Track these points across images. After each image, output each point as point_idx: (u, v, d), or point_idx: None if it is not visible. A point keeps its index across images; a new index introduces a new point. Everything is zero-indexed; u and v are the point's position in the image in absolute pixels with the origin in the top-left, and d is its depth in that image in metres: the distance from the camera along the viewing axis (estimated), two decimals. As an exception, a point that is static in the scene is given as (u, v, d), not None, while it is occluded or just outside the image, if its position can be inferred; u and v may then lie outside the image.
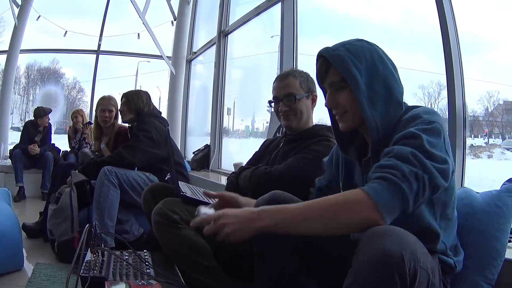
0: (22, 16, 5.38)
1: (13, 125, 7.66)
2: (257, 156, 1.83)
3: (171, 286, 1.13)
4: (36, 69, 9.32)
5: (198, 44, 5.29)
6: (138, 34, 5.88)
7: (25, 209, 4.01)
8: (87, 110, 6.02)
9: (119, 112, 2.87)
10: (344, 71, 1.00)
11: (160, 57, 5.25)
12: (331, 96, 1.06)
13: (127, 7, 5.49)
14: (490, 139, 2.90)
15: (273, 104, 1.65)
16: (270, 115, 3.00)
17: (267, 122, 3.67)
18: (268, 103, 1.69)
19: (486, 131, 2.91)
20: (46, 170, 4.42)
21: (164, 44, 5.12)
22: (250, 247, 1.11)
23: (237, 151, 4.41)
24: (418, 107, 1.02)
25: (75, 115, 4.75)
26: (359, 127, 1.07)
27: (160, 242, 1.53)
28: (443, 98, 1.94)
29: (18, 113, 9.25)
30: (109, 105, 2.97)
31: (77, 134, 4.70)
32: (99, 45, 6.06)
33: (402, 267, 0.77)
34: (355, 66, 1.00)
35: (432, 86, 3.43)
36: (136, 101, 2.68)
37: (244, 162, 1.94)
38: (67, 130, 5.17)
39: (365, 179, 1.05)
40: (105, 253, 1.35)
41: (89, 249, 1.32)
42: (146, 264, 1.30)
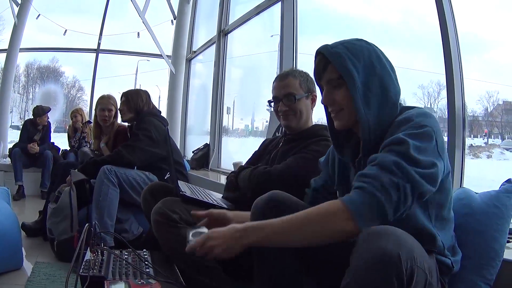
0: (22, 15, 5.38)
1: (13, 124, 7.65)
2: (256, 155, 1.83)
3: (170, 285, 1.13)
4: (36, 68, 9.30)
5: (198, 43, 5.29)
6: (138, 33, 5.88)
7: (24, 208, 4.01)
8: (86, 109, 6.01)
9: (118, 111, 2.87)
10: (341, 68, 1.01)
11: (160, 56, 5.24)
12: (328, 93, 1.07)
13: (127, 6, 5.48)
14: (489, 139, 2.90)
15: (272, 104, 1.65)
16: (270, 115, 3.00)
17: (266, 121, 3.67)
18: (267, 102, 1.69)
19: (486, 131, 2.91)
20: (45, 169, 4.42)
21: (164, 43, 5.13)
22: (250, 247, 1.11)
23: (237, 150, 4.41)
24: (413, 108, 1.02)
25: (75, 114, 4.75)
26: (354, 126, 1.07)
27: (160, 241, 1.53)
28: (443, 98, 1.95)
29: (17, 112, 9.23)
30: (108, 104, 2.97)
31: (76, 133, 4.70)
32: (99, 44, 6.05)
33: (399, 267, 0.77)
34: (353, 64, 1.00)
35: (432, 86, 3.43)
36: (135, 100, 2.68)
37: (244, 161, 1.94)
38: (66, 129, 5.17)
39: None
40: (105, 252, 1.35)
41: (88, 248, 1.32)
42: (146, 263, 1.30)
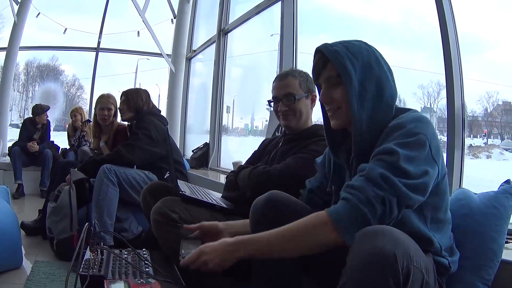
0: (22, 13, 5.37)
1: (12, 122, 7.64)
2: (256, 155, 1.84)
3: (170, 285, 1.13)
4: (36, 66, 9.29)
5: (198, 42, 5.29)
6: (138, 32, 5.87)
7: (24, 206, 4.01)
8: (86, 108, 6.00)
9: (118, 111, 2.87)
10: (339, 66, 1.01)
11: (159, 55, 5.24)
12: (326, 91, 1.07)
13: (127, 5, 5.47)
14: (489, 140, 2.90)
15: (272, 104, 1.65)
16: (270, 114, 2.99)
17: (266, 121, 3.67)
18: (267, 102, 1.69)
19: (485, 131, 2.92)
20: (45, 167, 4.41)
21: (164, 42, 5.12)
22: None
23: (236, 149, 4.41)
24: (408, 110, 1.03)
25: (74, 113, 4.74)
26: (349, 126, 1.07)
27: (159, 241, 1.53)
28: (443, 98, 1.95)
29: (17, 110, 9.22)
30: (108, 104, 2.97)
31: (76, 132, 4.70)
32: (99, 42, 6.04)
33: (395, 266, 0.78)
34: (351, 62, 1.01)
35: (432, 86, 3.43)
36: (135, 99, 2.67)
37: (243, 161, 1.94)
38: (66, 127, 5.16)
39: None
40: (104, 251, 1.35)
41: (88, 248, 1.32)
42: (145, 262, 1.30)
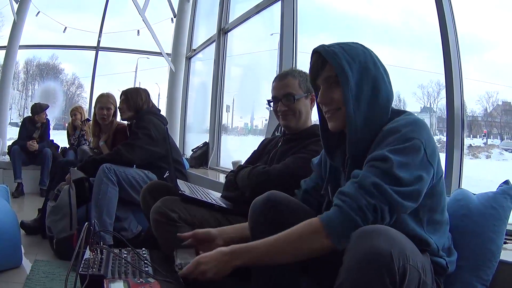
0: (21, 12, 5.36)
1: (12, 121, 7.63)
2: (255, 155, 1.84)
3: (169, 284, 1.13)
4: (35, 65, 9.28)
5: (198, 41, 5.29)
6: (138, 30, 5.87)
7: (23, 205, 4.01)
8: (86, 106, 6.00)
9: (118, 110, 2.87)
10: (337, 66, 1.01)
11: (159, 54, 5.24)
12: (326, 91, 1.06)
13: (127, 3, 5.46)
14: (488, 140, 2.90)
15: (272, 104, 1.65)
16: (269, 113, 2.99)
17: (266, 120, 3.67)
18: (267, 102, 1.69)
19: (485, 131, 2.92)
20: (44, 166, 4.41)
21: (164, 41, 5.12)
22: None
23: (236, 149, 4.42)
24: (403, 112, 1.03)
25: (74, 112, 4.74)
26: (346, 127, 1.06)
27: (159, 240, 1.54)
28: (442, 98, 1.95)
29: (16, 109, 9.22)
30: (107, 103, 2.97)
31: (76, 131, 4.69)
32: (99, 41, 6.03)
33: (391, 265, 0.78)
34: (348, 63, 1.01)
35: (432, 86, 3.43)
36: (135, 98, 2.67)
37: (243, 160, 1.94)
38: (65, 126, 5.16)
39: None
40: (104, 251, 1.35)
41: (88, 247, 1.32)
42: (145, 262, 1.30)
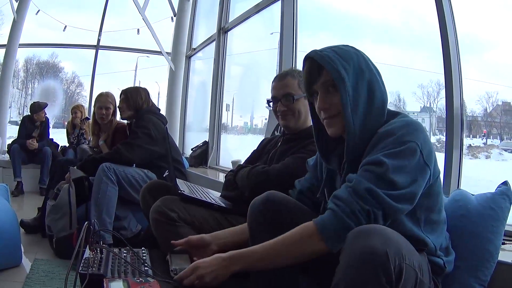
0: (21, 10, 5.35)
1: (11, 119, 7.63)
2: (255, 154, 1.84)
3: (169, 284, 1.13)
4: (35, 63, 9.26)
5: (198, 41, 5.28)
6: (138, 29, 5.86)
7: (23, 204, 4.02)
8: (86, 105, 6.00)
9: (117, 109, 2.87)
10: (333, 71, 1.00)
11: (159, 53, 5.24)
12: (325, 96, 1.04)
13: (127, 2, 5.46)
14: (488, 140, 2.90)
15: (271, 104, 1.65)
16: (269, 113, 3.00)
17: (265, 119, 3.67)
18: (266, 102, 1.69)
19: (485, 131, 2.91)
20: (44, 165, 4.41)
21: (164, 40, 5.12)
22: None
23: (236, 148, 4.41)
24: (398, 114, 1.03)
25: (75, 110, 4.74)
26: (344, 132, 1.04)
27: (158, 240, 1.54)
28: (442, 98, 1.95)
29: (16, 107, 9.20)
30: (106, 103, 2.97)
31: (75, 129, 4.69)
32: (99, 40, 6.03)
33: (386, 265, 0.79)
34: (344, 67, 1.00)
35: (432, 86, 3.43)
36: (135, 98, 2.68)
37: (242, 160, 1.95)
38: (65, 125, 5.16)
39: None
40: (104, 250, 1.36)
41: (87, 246, 1.32)
42: (143, 263, 1.30)
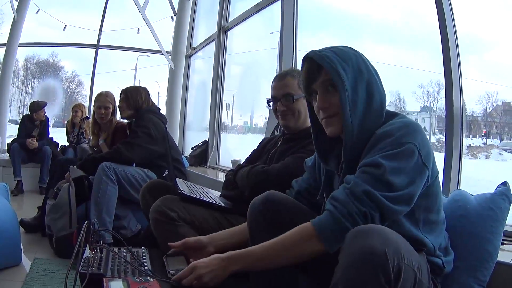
0: (21, 9, 5.35)
1: (11, 118, 7.63)
2: (255, 154, 1.84)
3: (168, 283, 1.14)
4: (35, 62, 9.25)
5: (198, 40, 5.28)
6: (138, 29, 5.85)
7: (23, 203, 4.02)
8: (86, 104, 6.00)
9: (117, 108, 2.87)
10: (332, 71, 1.00)
11: (159, 52, 5.24)
12: (324, 96, 1.04)
13: (127, 2, 5.46)
14: (488, 140, 2.90)
15: (271, 104, 1.66)
16: (269, 112, 3.00)
17: (265, 118, 3.67)
18: (266, 102, 1.69)
19: (484, 131, 2.91)
20: (44, 164, 4.41)
21: (164, 39, 5.12)
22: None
23: (235, 147, 4.42)
24: (396, 115, 1.03)
25: (76, 109, 4.73)
26: (342, 132, 1.05)
27: (158, 239, 1.54)
28: (442, 98, 1.95)
29: (16, 106, 9.20)
30: (105, 102, 2.97)
31: (74, 128, 4.69)
32: (99, 39, 6.02)
33: (385, 264, 0.79)
34: (342, 67, 1.00)
35: (432, 85, 3.42)
36: (135, 97, 2.67)
37: (242, 159, 1.95)
38: (65, 124, 5.16)
39: None
40: (103, 249, 1.36)
41: (87, 246, 1.32)
42: (142, 264, 1.30)
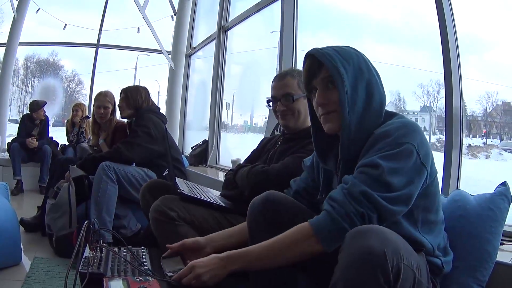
0: (21, 9, 5.34)
1: (11, 117, 7.63)
2: (255, 154, 1.85)
3: (168, 283, 1.14)
4: (35, 61, 9.25)
5: (198, 39, 5.28)
6: (138, 28, 5.84)
7: (23, 202, 4.02)
8: (86, 103, 5.99)
9: (117, 108, 2.87)
10: (332, 69, 1.01)
11: (159, 51, 5.23)
12: (323, 92, 1.05)
13: (127, 1, 5.46)
14: (488, 140, 2.89)
15: (271, 103, 1.66)
16: (269, 112, 3.00)
17: (265, 118, 3.67)
18: (266, 102, 1.69)
19: (484, 131, 2.91)
20: (44, 163, 4.41)
21: (164, 38, 5.11)
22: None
23: (235, 146, 4.42)
24: (395, 115, 1.03)
25: (76, 108, 4.72)
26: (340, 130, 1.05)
27: (158, 239, 1.54)
28: (442, 97, 1.94)
29: (16, 105, 9.20)
30: (104, 102, 2.97)
31: (74, 127, 4.69)
32: (99, 38, 6.02)
33: (384, 265, 0.79)
34: (343, 65, 1.01)
35: (432, 85, 3.42)
36: (135, 97, 2.68)
37: (242, 159, 1.95)
38: (64, 123, 5.16)
39: None
40: (103, 249, 1.36)
41: (87, 245, 1.33)
42: (143, 264, 1.31)
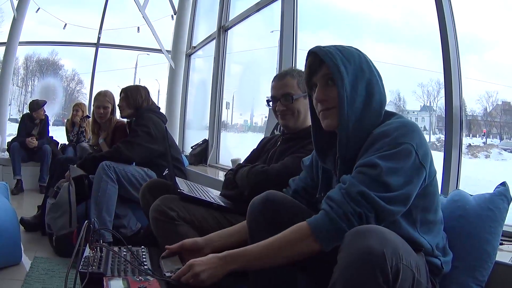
0: (21, 8, 5.34)
1: (11, 117, 7.62)
2: (254, 153, 1.85)
3: (168, 283, 1.14)
4: (35, 61, 9.24)
5: (198, 39, 5.28)
6: (138, 27, 5.84)
7: (23, 201, 4.02)
8: (86, 102, 5.99)
9: (117, 107, 2.87)
10: (332, 66, 1.02)
11: (159, 51, 5.23)
12: (323, 89, 1.07)
13: (127, 0, 5.46)
14: (488, 139, 2.89)
15: (271, 103, 1.66)
16: (269, 111, 3.00)
17: (265, 117, 3.68)
18: (266, 101, 1.70)
19: (484, 131, 2.91)
20: (44, 163, 4.41)
21: (164, 38, 5.11)
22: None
23: (235, 146, 4.42)
24: (394, 115, 1.04)
25: (76, 108, 4.72)
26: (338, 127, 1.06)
27: (158, 238, 1.54)
28: (442, 97, 1.94)
29: (16, 105, 9.19)
30: (104, 102, 2.97)
31: (74, 127, 4.69)
32: (99, 38, 6.02)
33: (384, 265, 0.79)
34: (343, 64, 1.02)
35: (432, 85, 3.42)
36: (135, 96, 2.68)
37: (242, 158, 1.95)
38: (64, 123, 5.15)
39: None
40: (104, 248, 1.36)
41: (87, 245, 1.33)
42: (143, 264, 1.31)
